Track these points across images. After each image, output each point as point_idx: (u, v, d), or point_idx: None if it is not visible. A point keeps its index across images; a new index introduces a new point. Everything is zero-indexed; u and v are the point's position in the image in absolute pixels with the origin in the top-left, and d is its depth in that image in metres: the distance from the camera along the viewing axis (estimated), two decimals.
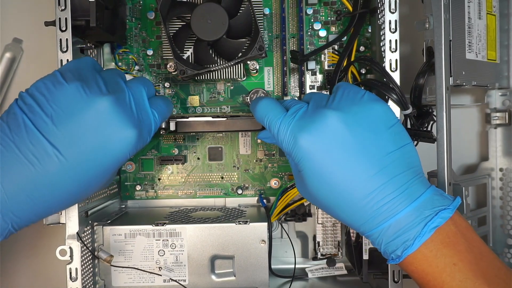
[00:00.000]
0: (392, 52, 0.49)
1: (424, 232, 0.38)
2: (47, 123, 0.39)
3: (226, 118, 0.54)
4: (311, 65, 0.59)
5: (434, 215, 0.38)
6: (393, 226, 0.39)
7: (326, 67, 0.59)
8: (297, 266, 0.61)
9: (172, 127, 0.54)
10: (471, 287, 0.37)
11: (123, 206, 0.63)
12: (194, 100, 0.61)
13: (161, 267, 0.53)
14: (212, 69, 0.53)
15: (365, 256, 0.54)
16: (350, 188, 0.39)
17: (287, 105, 0.46)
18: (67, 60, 0.47)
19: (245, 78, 0.61)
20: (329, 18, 0.61)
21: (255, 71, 0.58)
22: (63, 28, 0.47)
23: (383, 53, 0.49)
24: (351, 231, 0.57)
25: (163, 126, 0.54)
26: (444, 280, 0.38)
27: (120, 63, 0.61)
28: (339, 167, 0.40)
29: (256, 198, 0.63)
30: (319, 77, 0.61)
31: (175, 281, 0.53)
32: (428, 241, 0.38)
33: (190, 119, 0.54)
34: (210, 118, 0.54)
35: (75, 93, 0.40)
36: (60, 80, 0.41)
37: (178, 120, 0.54)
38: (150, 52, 0.61)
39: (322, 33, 0.60)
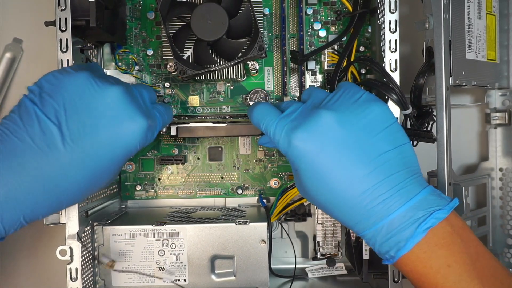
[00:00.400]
0: (392, 52, 0.49)
1: (417, 233, 0.38)
2: (59, 112, 0.39)
3: (226, 124, 0.54)
4: (311, 65, 0.59)
5: (428, 216, 0.38)
6: (387, 227, 0.39)
7: (326, 67, 0.59)
8: (297, 266, 0.61)
9: (173, 132, 0.54)
10: None
11: (123, 206, 0.63)
12: (194, 100, 0.61)
13: (161, 267, 0.53)
14: (212, 69, 0.54)
15: (365, 256, 0.54)
16: (344, 186, 0.39)
17: (283, 107, 0.46)
18: (67, 60, 0.47)
19: (245, 78, 0.61)
20: (329, 18, 0.61)
21: (255, 71, 0.58)
22: (63, 28, 0.47)
23: (383, 53, 0.49)
24: (351, 231, 0.57)
25: (164, 130, 0.54)
26: (438, 282, 0.38)
27: (120, 63, 0.61)
28: (333, 166, 0.40)
29: (256, 198, 0.63)
30: (319, 77, 0.61)
31: (174, 282, 0.53)
32: (422, 242, 0.38)
33: (191, 124, 0.55)
34: (210, 124, 0.54)
35: (86, 82, 0.41)
36: (69, 71, 0.41)
37: (179, 126, 0.54)
38: (150, 52, 0.61)
39: (322, 33, 0.60)
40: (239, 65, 0.56)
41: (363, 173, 0.39)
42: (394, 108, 0.48)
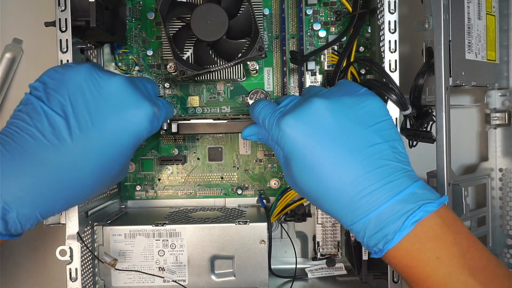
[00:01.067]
0: (392, 52, 0.49)
1: (405, 227, 0.37)
2: (65, 105, 0.40)
3: (226, 121, 0.54)
4: (311, 65, 0.59)
5: (416, 209, 0.37)
6: (375, 219, 0.38)
7: (325, 68, 0.59)
8: (297, 266, 0.61)
9: (174, 128, 0.54)
10: (456, 280, 0.37)
11: (123, 206, 0.63)
12: (194, 100, 0.62)
13: (161, 268, 0.53)
14: (212, 70, 0.54)
15: (365, 257, 0.54)
16: (332, 175, 0.39)
17: (281, 100, 0.46)
18: (67, 60, 0.47)
19: (245, 79, 0.61)
20: (328, 19, 0.61)
21: (255, 71, 0.58)
22: (63, 29, 0.47)
23: (382, 53, 0.49)
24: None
25: (165, 128, 0.54)
26: (428, 274, 0.37)
27: (120, 64, 0.61)
28: (321, 154, 0.39)
29: (256, 198, 0.63)
30: (319, 77, 0.61)
31: (175, 281, 0.53)
32: (411, 235, 0.37)
33: (192, 121, 0.55)
34: (211, 121, 0.54)
35: (88, 73, 0.41)
36: (71, 65, 0.42)
37: (180, 122, 0.54)
38: (150, 53, 0.61)
39: (322, 34, 0.60)
40: (239, 65, 0.56)
41: (352, 162, 0.39)
42: (393, 108, 0.48)
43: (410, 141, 0.55)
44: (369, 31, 0.60)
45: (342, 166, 0.39)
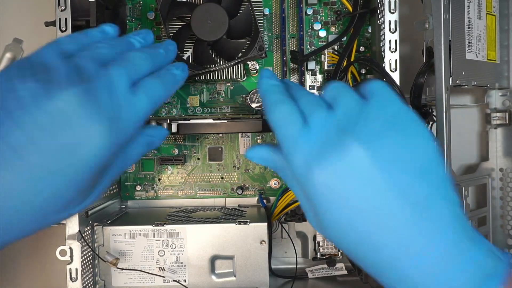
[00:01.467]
0: (392, 52, 0.49)
1: None
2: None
3: (227, 121, 0.54)
4: (311, 65, 0.59)
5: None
6: None
7: (326, 67, 0.59)
8: (297, 266, 0.61)
9: (174, 128, 0.54)
10: None
11: (123, 206, 0.63)
12: (194, 100, 0.61)
13: (161, 268, 0.53)
14: (212, 70, 0.54)
15: None
16: (377, 240, 0.31)
17: (303, 106, 0.35)
18: None
19: (245, 79, 0.61)
20: (329, 18, 0.61)
21: (255, 71, 0.58)
22: (63, 29, 0.47)
23: (383, 53, 0.49)
24: None
25: (165, 127, 0.54)
26: None
27: None
28: (362, 213, 0.31)
29: (256, 198, 0.63)
30: (319, 77, 0.61)
31: (176, 281, 0.53)
32: None
33: (192, 121, 0.55)
34: (211, 121, 0.54)
35: (30, 91, 0.31)
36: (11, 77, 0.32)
37: (180, 122, 0.54)
38: None
39: (322, 33, 0.60)
40: (239, 65, 0.56)
41: (405, 226, 0.31)
42: None
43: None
44: (370, 31, 0.60)
45: (391, 232, 0.31)
